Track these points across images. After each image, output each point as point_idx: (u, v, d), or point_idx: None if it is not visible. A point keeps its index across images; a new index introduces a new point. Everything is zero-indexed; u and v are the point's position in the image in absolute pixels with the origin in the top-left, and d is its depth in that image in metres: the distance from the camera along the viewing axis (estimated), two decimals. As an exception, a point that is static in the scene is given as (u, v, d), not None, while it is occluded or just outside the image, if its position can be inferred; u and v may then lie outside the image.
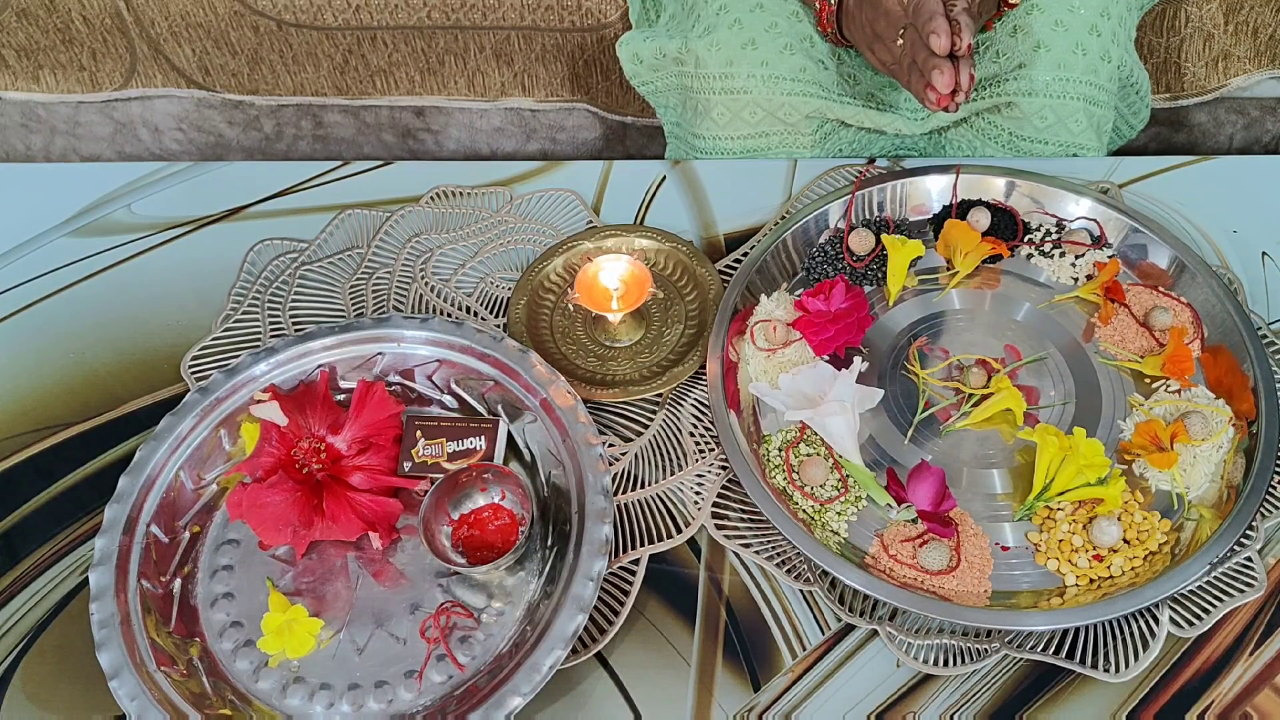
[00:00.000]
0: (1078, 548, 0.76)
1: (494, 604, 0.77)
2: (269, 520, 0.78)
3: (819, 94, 1.01)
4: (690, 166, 1.06)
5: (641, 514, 0.82)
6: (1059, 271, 0.93)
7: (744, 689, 0.74)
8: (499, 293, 0.97)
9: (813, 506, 0.79)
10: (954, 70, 0.84)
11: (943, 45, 0.83)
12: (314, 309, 0.96)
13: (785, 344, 0.87)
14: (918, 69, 0.86)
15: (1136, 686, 0.72)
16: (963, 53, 0.84)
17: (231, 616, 0.77)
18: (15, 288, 1.00)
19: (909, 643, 0.74)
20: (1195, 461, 0.79)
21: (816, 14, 1.01)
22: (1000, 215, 0.95)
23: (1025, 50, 0.97)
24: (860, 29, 0.95)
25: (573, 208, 1.03)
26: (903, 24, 0.88)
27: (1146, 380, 0.86)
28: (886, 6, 0.89)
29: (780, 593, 0.78)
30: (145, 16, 1.35)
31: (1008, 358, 0.88)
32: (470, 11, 1.31)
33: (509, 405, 0.85)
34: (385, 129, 1.48)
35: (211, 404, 0.84)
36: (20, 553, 0.83)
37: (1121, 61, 1.01)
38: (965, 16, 0.84)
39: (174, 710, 0.71)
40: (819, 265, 0.94)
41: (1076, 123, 0.99)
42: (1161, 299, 0.89)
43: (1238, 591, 0.75)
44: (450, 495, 0.79)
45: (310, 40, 1.35)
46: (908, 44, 0.88)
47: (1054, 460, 0.77)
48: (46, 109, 1.47)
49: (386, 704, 0.73)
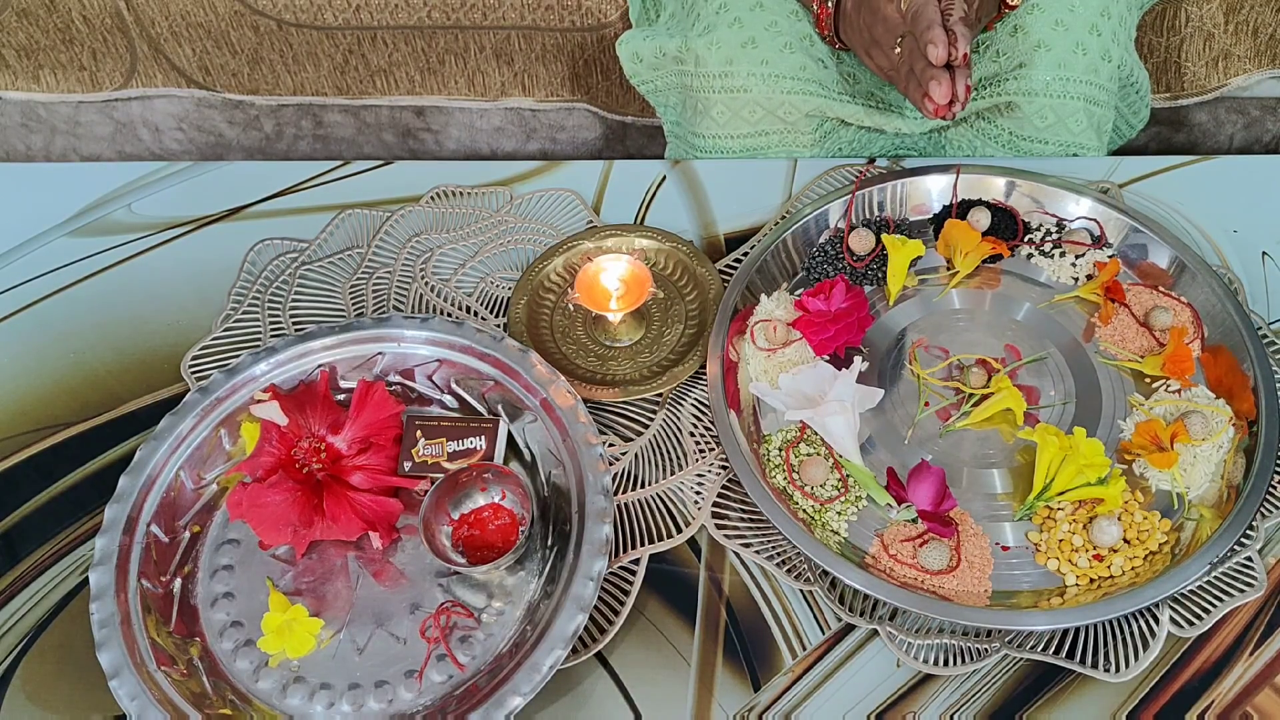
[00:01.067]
0: (1078, 547, 0.76)
1: (494, 604, 0.77)
2: (269, 520, 0.78)
3: (819, 92, 1.01)
4: (690, 166, 1.06)
5: (641, 514, 0.82)
6: (1059, 271, 0.93)
7: (744, 689, 0.74)
8: (499, 293, 0.97)
9: (813, 506, 0.79)
10: (951, 80, 0.84)
11: (940, 56, 0.83)
12: (314, 309, 0.96)
13: (785, 344, 0.87)
14: (915, 78, 0.86)
15: (1136, 686, 0.72)
16: (959, 63, 0.84)
17: (231, 616, 0.77)
18: (15, 288, 1.00)
19: (909, 642, 0.74)
20: (1195, 461, 0.79)
21: (815, 16, 1.01)
22: (1000, 215, 0.95)
23: (1025, 50, 0.97)
24: (858, 34, 0.95)
25: (573, 208, 1.03)
26: (901, 31, 0.88)
27: (1147, 380, 0.86)
28: (885, 13, 0.89)
29: (780, 593, 0.78)
30: (145, 16, 1.35)
31: (1008, 357, 0.88)
32: (470, 11, 1.31)
33: (509, 405, 0.85)
34: (385, 129, 1.48)
35: (211, 404, 0.84)
36: (20, 553, 0.83)
37: (1121, 61, 1.01)
38: (962, 26, 0.85)
39: (174, 710, 0.71)
40: (819, 265, 0.94)
41: (1077, 122, 0.99)
42: (1162, 299, 0.89)
43: (1238, 591, 0.75)
44: (450, 495, 0.79)
45: (310, 40, 1.35)
46: (905, 52, 0.88)
47: (1054, 460, 0.77)
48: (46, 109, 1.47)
49: (386, 704, 0.73)
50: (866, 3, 0.92)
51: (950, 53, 0.83)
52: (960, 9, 0.86)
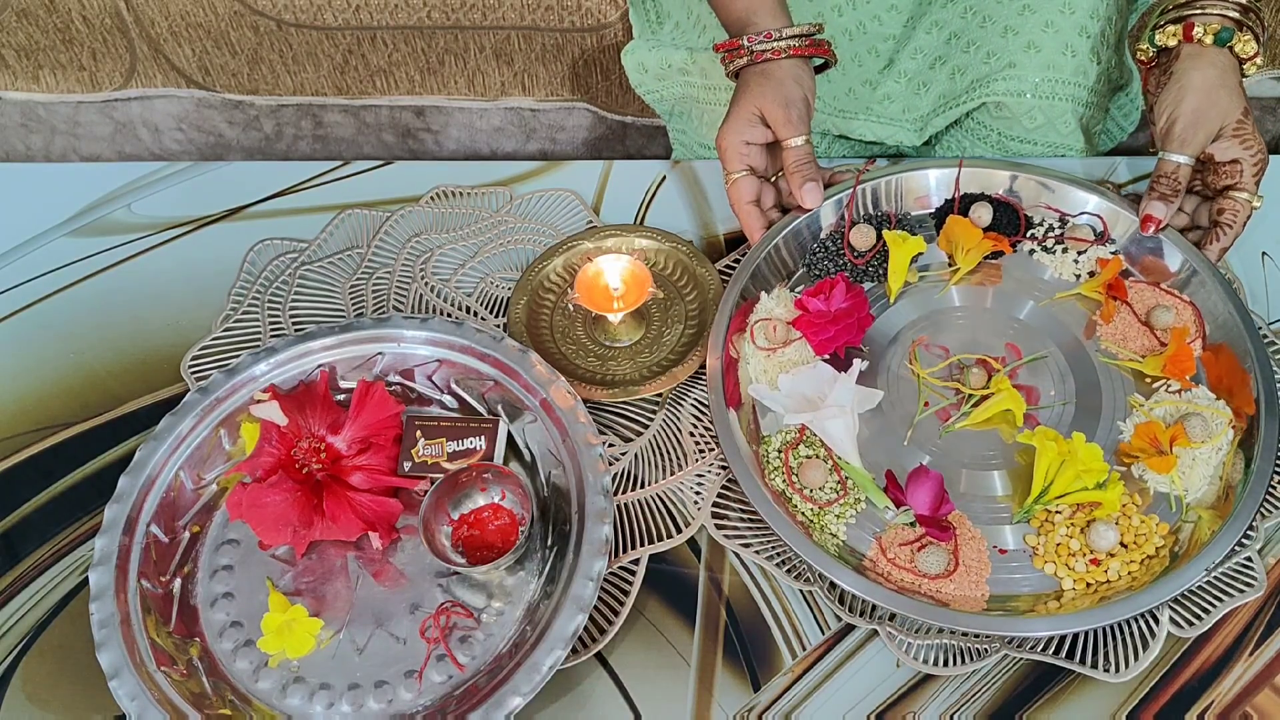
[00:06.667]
0: (1075, 552, 0.76)
1: (494, 604, 0.77)
2: (269, 520, 0.78)
3: (819, 108, 1.02)
4: (690, 166, 1.06)
5: (641, 514, 0.82)
6: (1061, 268, 0.92)
7: (744, 689, 0.74)
8: (499, 293, 0.97)
9: (811, 510, 0.79)
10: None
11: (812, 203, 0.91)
12: (314, 309, 0.96)
13: (785, 343, 0.87)
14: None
15: (1136, 686, 0.72)
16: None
17: (231, 616, 0.77)
18: (15, 288, 1.00)
19: (909, 642, 0.74)
20: (1194, 464, 0.79)
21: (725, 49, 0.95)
22: (1003, 209, 0.94)
23: (1015, 50, 0.97)
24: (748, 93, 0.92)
25: (573, 208, 1.03)
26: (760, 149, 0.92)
27: (1147, 380, 0.85)
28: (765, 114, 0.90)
29: (780, 593, 0.78)
30: (145, 16, 1.34)
31: (1008, 356, 0.88)
32: (470, 11, 1.31)
33: (509, 405, 0.85)
34: (385, 129, 1.48)
35: (211, 404, 0.84)
36: (20, 553, 0.83)
37: (1111, 63, 1.01)
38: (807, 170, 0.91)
39: (174, 710, 0.71)
40: (820, 261, 0.93)
41: (1065, 124, 0.99)
42: (1164, 297, 0.89)
43: (1237, 591, 0.75)
44: (450, 495, 0.79)
45: (310, 40, 1.35)
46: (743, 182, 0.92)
47: (1052, 464, 0.77)
48: (46, 109, 1.47)
49: (386, 704, 0.73)
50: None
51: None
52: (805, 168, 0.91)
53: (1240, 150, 0.86)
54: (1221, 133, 0.86)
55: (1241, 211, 0.87)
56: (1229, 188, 0.88)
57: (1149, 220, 0.88)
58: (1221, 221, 0.88)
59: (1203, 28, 0.86)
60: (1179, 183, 0.87)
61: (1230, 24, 0.86)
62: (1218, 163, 0.87)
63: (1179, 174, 0.87)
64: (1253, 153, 0.86)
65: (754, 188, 0.91)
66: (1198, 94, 0.86)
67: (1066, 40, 0.96)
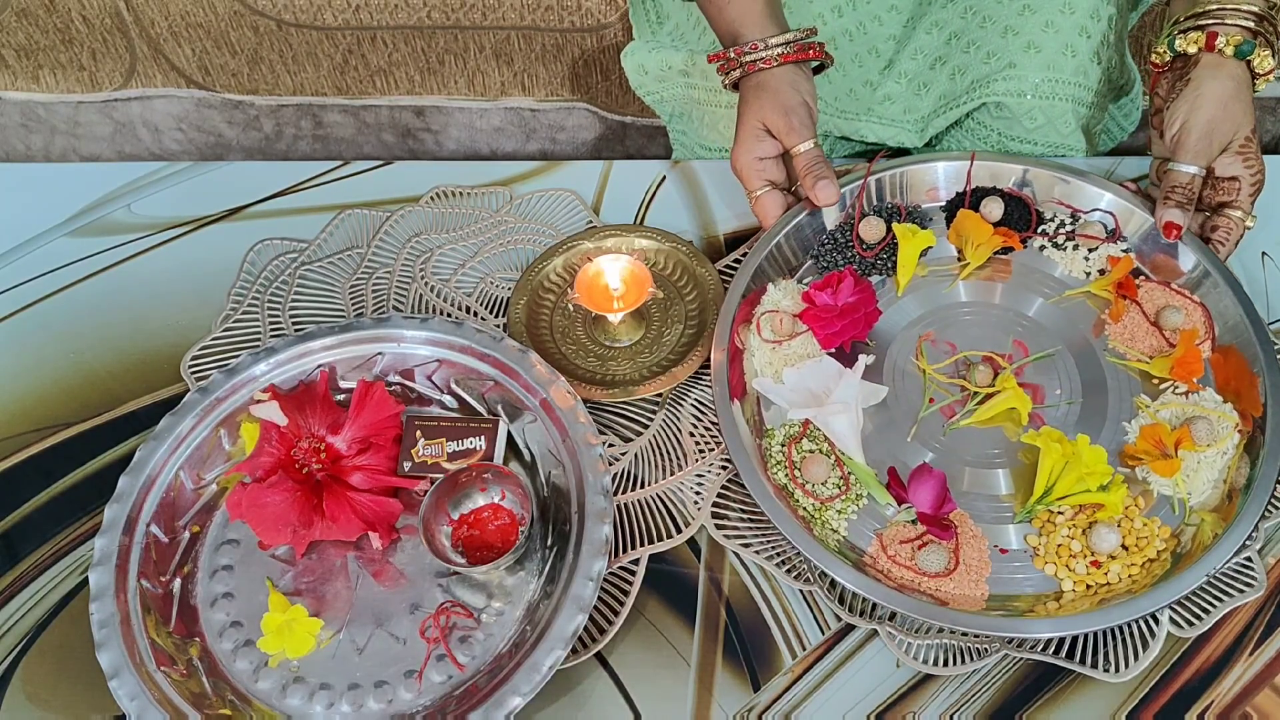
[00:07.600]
0: (1076, 553, 0.76)
1: (494, 604, 0.77)
2: (269, 520, 0.78)
3: (821, 109, 1.01)
4: (690, 166, 1.06)
5: (641, 514, 0.82)
6: (1072, 265, 0.92)
7: (744, 689, 0.74)
8: (499, 293, 0.97)
9: (813, 505, 0.79)
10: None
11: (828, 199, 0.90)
12: (314, 309, 0.96)
13: (792, 336, 0.86)
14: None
15: (1136, 686, 0.72)
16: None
17: (231, 616, 0.77)
18: (15, 288, 1.00)
19: (909, 642, 0.74)
20: (1199, 468, 0.78)
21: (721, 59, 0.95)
22: (1014, 204, 0.94)
23: (1015, 51, 0.97)
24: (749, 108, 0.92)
25: (573, 208, 1.03)
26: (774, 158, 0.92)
27: (1154, 381, 0.85)
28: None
29: (780, 593, 0.78)
30: (145, 16, 1.35)
31: (1015, 354, 0.87)
32: (470, 11, 1.31)
33: (509, 405, 0.85)
34: (385, 129, 1.48)
35: (211, 404, 0.84)
36: (20, 553, 0.83)
37: (1112, 63, 1.01)
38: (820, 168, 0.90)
39: (174, 710, 0.71)
40: (828, 253, 0.93)
41: (1065, 124, 0.99)
42: (1174, 298, 0.88)
43: (1237, 592, 0.75)
44: (450, 495, 0.79)
45: (310, 40, 1.35)
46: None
47: (1056, 466, 0.76)
48: (46, 109, 1.47)
49: (386, 704, 0.73)
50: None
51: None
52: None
53: (1241, 168, 0.86)
54: (1229, 147, 0.86)
55: (1235, 230, 0.87)
56: (1224, 205, 0.87)
57: (1171, 227, 0.87)
58: (1214, 239, 0.88)
59: (1225, 38, 0.85)
60: (1192, 192, 0.87)
61: (1248, 34, 0.86)
62: (1217, 178, 0.87)
63: (1192, 185, 0.86)
64: (1253, 172, 0.86)
65: (779, 203, 0.92)
66: (1214, 105, 0.85)
67: (1067, 40, 0.96)
